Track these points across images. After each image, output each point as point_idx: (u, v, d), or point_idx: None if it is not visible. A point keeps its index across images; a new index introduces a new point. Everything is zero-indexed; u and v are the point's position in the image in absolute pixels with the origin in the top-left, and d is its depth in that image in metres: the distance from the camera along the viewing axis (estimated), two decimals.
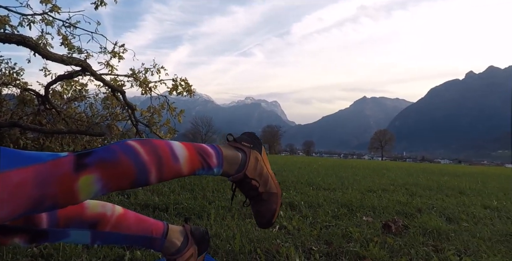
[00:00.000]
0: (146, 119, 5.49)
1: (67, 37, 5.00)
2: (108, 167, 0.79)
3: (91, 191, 0.79)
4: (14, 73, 5.24)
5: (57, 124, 5.01)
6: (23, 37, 3.21)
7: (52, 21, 4.79)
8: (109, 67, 5.27)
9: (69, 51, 4.74)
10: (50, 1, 4.66)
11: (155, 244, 1.15)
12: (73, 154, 0.81)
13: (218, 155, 0.98)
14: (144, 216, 1.16)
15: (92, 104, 6.18)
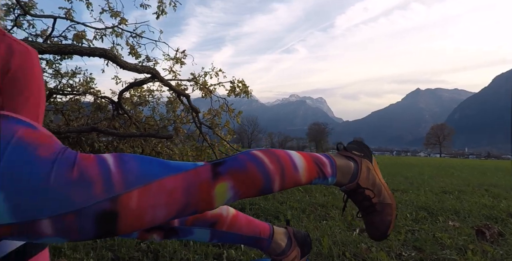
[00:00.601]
0: (208, 121, 5.69)
1: (133, 47, 5.32)
2: (239, 175, 0.84)
3: (225, 198, 0.85)
4: (89, 83, 5.69)
5: (129, 128, 5.36)
6: (104, 50, 3.47)
7: (121, 33, 5.13)
8: (172, 73, 5.54)
9: (139, 60, 5.04)
10: (119, 14, 4.99)
11: (262, 245, 1.21)
12: (209, 163, 0.88)
13: (332, 164, 1.00)
14: (251, 217, 1.23)
15: (154, 108, 6.53)
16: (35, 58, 1.13)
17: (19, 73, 1.06)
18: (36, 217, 0.67)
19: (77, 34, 4.56)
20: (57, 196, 0.67)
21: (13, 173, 0.67)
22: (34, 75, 1.12)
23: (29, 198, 0.66)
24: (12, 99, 1.07)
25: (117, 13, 4.89)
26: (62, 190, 0.67)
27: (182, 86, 5.64)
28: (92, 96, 5.70)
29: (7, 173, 0.66)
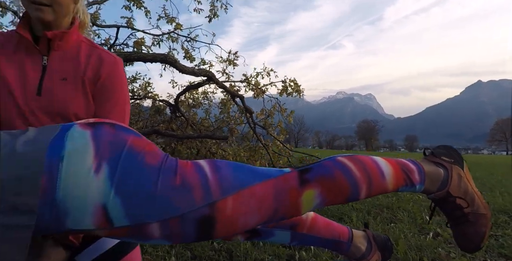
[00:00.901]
0: (261, 121, 5.73)
1: (188, 51, 5.50)
2: (327, 183, 0.83)
3: (311, 205, 0.84)
4: (147, 87, 5.98)
5: (185, 130, 5.56)
6: (165, 55, 3.62)
7: (177, 38, 5.32)
8: (225, 75, 5.65)
9: (194, 63, 5.20)
10: (174, 20, 5.19)
11: (342, 248, 1.18)
12: (295, 170, 0.87)
13: (420, 171, 0.95)
14: (329, 220, 1.20)
15: (207, 110, 6.71)
16: (121, 67, 1.19)
17: (108, 81, 1.12)
18: (146, 221, 0.70)
19: (137, 41, 4.81)
20: (164, 201, 0.71)
21: (127, 180, 0.70)
22: (121, 83, 1.17)
23: (140, 203, 0.70)
24: (101, 104, 1.13)
25: (173, 19, 5.09)
26: (167, 196, 0.71)
27: (235, 87, 5.73)
28: (151, 100, 5.99)
29: (122, 179, 0.70)
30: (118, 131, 0.78)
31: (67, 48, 1.10)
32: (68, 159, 0.70)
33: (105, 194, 0.69)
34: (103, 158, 0.71)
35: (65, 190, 0.68)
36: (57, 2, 1.03)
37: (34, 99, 1.03)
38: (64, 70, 1.08)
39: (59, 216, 0.68)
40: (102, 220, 0.70)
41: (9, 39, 1.11)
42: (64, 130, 0.77)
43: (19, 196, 0.65)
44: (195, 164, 0.79)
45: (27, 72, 1.06)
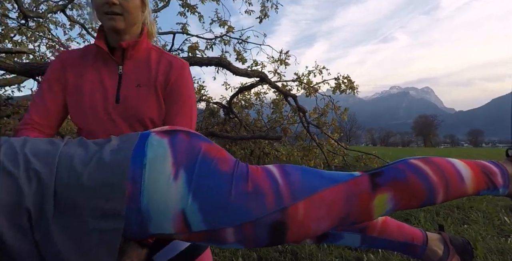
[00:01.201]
0: (315, 120, 5.66)
1: (240, 52, 5.58)
2: (400, 187, 0.80)
3: (384, 209, 0.82)
4: (201, 90, 6.18)
5: (239, 131, 5.66)
6: (219, 58, 3.72)
7: (229, 40, 5.43)
8: (277, 75, 5.65)
9: (247, 65, 5.28)
10: (226, 23, 5.30)
11: (416, 251, 1.13)
12: (366, 174, 0.84)
13: (503, 173, 0.89)
14: (401, 222, 1.15)
15: (259, 110, 6.76)
16: (188, 70, 1.23)
17: (176, 84, 1.16)
18: (221, 226, 0.73)
19: (192, 46, 4.99)
20: (237, 207, 0.72)
21: (202, 186, 0.73)
22: (187, 85, 1.21)
23: (216, 209, 0.72)
24: (170, 107, 1.16)
25: (225, 22, 5.20)
26: (241, 202, 0.72)
27: (287, 87, 5.72)
28: (205, 103, 6.18)
29: (198, 186, 0.73)
30: (193, 139, 0.81)
31: (138, 56, 1.17)
32: (149, 167, 0.74)
33: (184, 200, 0.72)
34: (180, 165, 0.74)
35: (148, 196, 0.72)
36: (127, 11, 1.09)
37: (113, 106, 1.10)
38: (138, 77, 1.14)
39: (143, 221, 0.72)
40: (181, 225, 0.73)
41: (88, 52, 1.20)
42: (143, 139, 0.81)
43: (108, 201, 0.70)
44: (265, 170, 0.81)
45: (105, 81, 1.13)
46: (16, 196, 0.67)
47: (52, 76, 1.15)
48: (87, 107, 1.11)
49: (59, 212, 0.68)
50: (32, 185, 0.68)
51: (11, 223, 0.66)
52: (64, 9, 4.99)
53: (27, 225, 0.66)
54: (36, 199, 0.68)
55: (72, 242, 0.68)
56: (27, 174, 0.70)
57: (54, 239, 0.67)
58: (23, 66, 2.97)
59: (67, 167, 0.72)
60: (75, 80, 1.13)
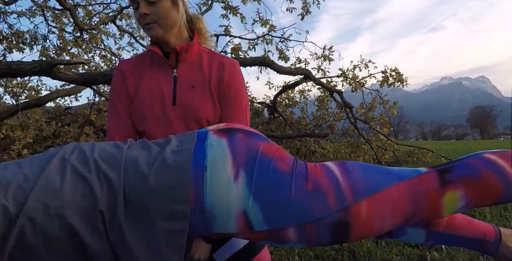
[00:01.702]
0: (362, 116, 5.50)
1: (282, 51, 5.56)
2: (473, 184, 0.75)
3: (455, 207, 0.77)
4: None
5: (284, 130, 5.64)
6: (263, 58, 3.73)
7: (271, 40, 5.43)
8: (321, 71, 5.57)
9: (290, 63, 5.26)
10: (268, 22, 5.31)
11: (488, 248, 1.04)
12: (433, 170, 0.79)
13: None
14: (470, 217, 1.07)
15: (303, 108, 6.68)
16: (239, 69, 1.22)
17: (229, 83, 1.17)
18: (283, 225, 0.72)
19: (234, 47, 5.06)
20: (299, 207, 0.71)
21: (263, 186, 0.73)
22: (240, 84, 1.21)
23: (277, 208, 0.72)
24: (226, 106, 1.17)
25: (267, 21, 5.21)
26: (302, 201, 0.72)
27: (331, 83, 5.61)
28: (249, 103, 6.24)
29: (259, 186, 0.73)
30: (250, 138, 0.81)
31: (191, 59, 1.19)
32: (210, 168, 0.75)
33: (245, 200, 0.72)
34: (240, 165, 0.75)
35: (211, 197, 0.73)
36: (160, 17, 1.10)
37: (170, 109, 1.13)
38: (192, 78, 1.16)
39: (207, 221, 0.74)
40: (244, 225, 0.73)
41: (143, 59, 1.25)
42: (201, 138, 0.83)
43: (173, 203, 0.72)
44: (325, 168, 0.79)
45: (162, 85, 1.17)
46: (90, 199, 0.71)
47: (117, 86, 1.21)
48: (147, 111, 1.16)
49: (129, 214, 0.71)
50: (104, 189, 0.72)
51: (88, 225, 0.69)
52: (115, 20, 5.28)
53: (101, 226, 0.70)
54: (108, 202, 0.71)
55: (143, 242, 0.71)
56: (98, 178, 0.73)
57: (127, 240, 0.70)
58: (81, 76, 3.18)
59: (133, 170, 0.75)
60: (134, 87, 1.18)
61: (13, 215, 0.66)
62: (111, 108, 1.22)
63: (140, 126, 1.18)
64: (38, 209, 0.67)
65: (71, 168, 0.74)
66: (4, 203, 0.66)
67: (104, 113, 5.12)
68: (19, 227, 0.66)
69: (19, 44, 5.12)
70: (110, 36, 5.78)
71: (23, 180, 0.70)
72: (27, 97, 4.46)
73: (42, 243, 0.67)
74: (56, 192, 0.69)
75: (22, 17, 4.97)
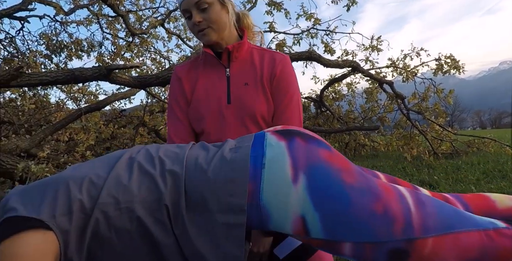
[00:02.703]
0: (415, 106, 5.23)
1: (327, 44, 5.44)
2: None
3: None
4: None
5: (332, 124, 5.54)
6: (310, 52, 3.68)
7: (316, 33, 5.34)
8: (369, 62, 5.38)
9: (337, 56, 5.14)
10: (313, 15, 5.21)
11: None
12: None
13: None
14: None
15: (350, 101, 6.50)
16: (290, 63, 1.22)
17: (281, 77, 1.18)
18: (341, 239, 0.71)
19: (279, 43, 5.03)
20: (363, 225, 0.69)
21: (326, 197, 0.71)
22: (292, 78, 1.21)
23: (338, 221, 0.70)
24: (278, 100, 1.18)
25: (311, 15, 5.13)
26: (367, 221, 0.69)
27: (381, 74, 5.40)
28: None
29: (321, 195, 0.72)
30: (310, 144, 0.80)
31: (242, 57, 1.21)
32: (269, 167, 0.75)
33: (304, 206, 0.71)
34: (299, 169, 0.74)
35: (267, 195, 0.73)
36: (212, 22, 1.13)
37: (226, 107, 1.16)
38: (244, 76, 1.19)
39: (263, 217, 0.74)
40: (300, 229, 0.73)
41: (197, 62, 1.28)
42: (259, 138, 0.83)
43: (232, 197, 0.73)
44: (397, 192, 0.76)
45: (216, 84, 1.20)
46: (156, 194, 0.74)
47: (174, 91, 1.27)
48: (203, 112, 1.19)
49: (190, 208, 0.74)
50: (167, 184, 0.75)
51: (154, 218, 0.73)
52: (163, 23, 5.49)
53: (167, 220, 0.73)
54: (172, 196, 0.74)
55: (203, 234, 0.73)
56: (162, 174, 0.77)
57: (189, 232, 0.72)
58: (136, 79, 3.35)
59: (193, 166, 0.79)
60: (190, 90, 1.23)
61: (88, 209, 0.71)
62: (170, 112, 1.27)
63: (197, 126, 1.22)
64: (110, 204, 0.72)
65: (137, 165, 0.79)
66: (80, 198, 0.71)
67: (157, 114, 5.36)
68: (94, 221, 0.70)
69: (78, 52, 5.51)
70: (159, 39, 6.02)
71: (95, 177, 0.75)
72: (87, 102, 4.78)
73: (115, 236, 0.72)
74: (125, 188, 0.74)
75: (80, 25, 5.34)
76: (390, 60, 5.47)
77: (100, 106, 3.85)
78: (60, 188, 0.73)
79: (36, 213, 0.69)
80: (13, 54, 4.93)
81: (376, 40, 5.26)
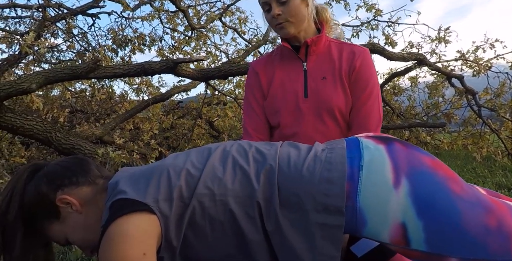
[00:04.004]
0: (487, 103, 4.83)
1: (389, 36, 5.19)
2: None
3: None
4: None
5: (391, 120, 5.30)
6: (373, 45, 3.55)
7: (377, 25, 5.11)
8: (435, 55, 5.05)
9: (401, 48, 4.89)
10: (374, 6, 4.99)
11: None
12: None
13: None
14: None
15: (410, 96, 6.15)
16: (369, 56, 1.20)
17: (361, 70, 1.16)
18: (446, 254, 0.65)
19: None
20: (473, 239, 0.64)
21: (431, 204, 0.67)
22: (372, 71, 1.19)
23: (445, 233, 0.65)
24: (358, 94, 1.16)
25: (372, 6, 4.91)
26: (478, 235, 0.64)
27: (448, 67, 5.05)
28: None
29: (426, 203, 0.67)
30: (411, 149, 0.76)
31: (320, 51, 1.20)
32: (367, 169, 0.72)
33: (406, 213, 0.67)
34: (401, 173, 0.70)
35: (365, 199, 0.70)
36: (292, 15, 1.13)
37: (303, 101, 1.16)
38: (322, 70, 1.18)
39: (357, 222, 0.71)
40: (399, 238, 0.69)
41: (273, 56, 1.29)
42: (352, 142, 0.81)
43: (328, 197, 0.71)
44: (507, 206, 0.70)
45: (293, 79, 1.20)
46: (248, 189, 0.75)
47: (251, 85, 1.29)
48: (280, 105, 1.20)
49: (283, 205, 0.73)
50: (260, 180, 0.75)
51: (245, 213, 0.74)
52: (221, 17, 5.58)
53: (258, 216, 0.73)
54: (265, 193, 0.74)
55: (298, 233, 0.72)
56: (255, 170, 0.77)
57: (283, 229, 0.72)
58: (199, 72, 3.43)
59: (286, 163, 0.78)
60: (267, 84, 1.25)
61: (186, 198, 0.74)
62: (246, 105, 1.30)
63: (273, 119, 1.23)
64: (206, 195, 0.74)
65: (232, 159, 0.80)
66: (180, 186, 0.74)
67: (213, 106, 5.49)
68: (191, 209, 0.73)
69: (140, 46, 5.78)
70: (216, 33, 6.12)
71: (192, 167, 0.78)
72: (150, 93, 5.02)
73: (209, 226, 0.74)
74: (220, 180, 0.75)
75: (144, 21, 5.58)
76: (459, 53, 5.09)
77: (164, 97, 4.03)
78: (162, 175, 0.76)
79: (142, 197, 0.72)
80: (86, 48, 5.29)
81: (444, 31, 4.92)
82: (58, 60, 5.34)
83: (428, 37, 5.03)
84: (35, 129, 2.50)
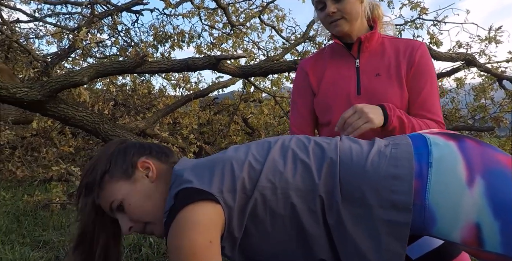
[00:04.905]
0: None
1: (433, 35, 4.99)
2: None
3: None
4: None
5: None
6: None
7: (422, 23, 4.93)
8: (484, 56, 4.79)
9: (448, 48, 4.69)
10: (419, 4, 4.81)
11: None
12: None
13: None
14: None
15: (453, 98, 5.87)
16: (427, 50, 1.16)
17: (421, 63, 1.12)
18: None
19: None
20: None
21: (508, 206, 0.63)
22: (431, 64, 1.15)
23: None
24: (419, 88, 1.12)
25: (417, 4, 4.74)
26: None
27: (499, 69, 4.78)
28: None
29: (506, 204, 0.64)
30: (484, 147, 0.72)
31: (372, 48, 1.17)
32: (437, 166, 0.69)
33: (481, 214, 0.64)
34: (475, 171, 0.67)
35: (434, 196, 0.67)
36: (346, 12, 1.11)
37: (355, 98, 1.13)
38: (376, 67, 1.15)
39: (425, 221, 0.68)
40: (472, 239, 0.66)
41: (322, 54, 1.28)
42: (419, 138, 0.78)
43: (395, 194, 0.69)
44: None
45: (345, 75, 1.18)
46: (310, 183, 0.74)
47: (298, 84, 1.28)
48: (331, 103, 1.18)
49: (345, 199, 0.72)
50: (322, 174, 0.74)
51: (307, 207, 0.73)
52: (260, 15, 5.59)
53: (319, 210, 0.72)
54: (326, 186, 0.73)
55: (361, 228, 0.71)
56: (317, 164, 0.76)
57: (345, 224, 0.71)
58: (240, 69, 3.46)
59: (348, 158, 0.76)
60: (317, 82, 1.23)
61: (249, 190, 0.74)
62: (292, 104, 1.31)
63: (324, 117, 1.21)
64: (268, 188, 0.74)
65: (292, 153, 0.79)
66: (243, 178, 0.75)
67: (249, 103, 5.52)
68: (253, 201, 0.73)
69: (179, 42, 5.90)
70: (254, 30, 6.14)
71: (254, 160, 0.78)
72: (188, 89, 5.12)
73: (270, 218, 0.74)
74: (281, 174, 0.75)
75: (184, 18, 5.69)
76: (511, 54, 4.81)
77: (204, 93, 4.09)
78: (226, 167, 0.77)
79: (208, 187, 0.73)
80: (129, 43, 5.48)
81: (495, 30, 4.66)
82: (102, 55, 5.57)
83: (477, 36, 4.79)
84: (85, 120, 2.62)
